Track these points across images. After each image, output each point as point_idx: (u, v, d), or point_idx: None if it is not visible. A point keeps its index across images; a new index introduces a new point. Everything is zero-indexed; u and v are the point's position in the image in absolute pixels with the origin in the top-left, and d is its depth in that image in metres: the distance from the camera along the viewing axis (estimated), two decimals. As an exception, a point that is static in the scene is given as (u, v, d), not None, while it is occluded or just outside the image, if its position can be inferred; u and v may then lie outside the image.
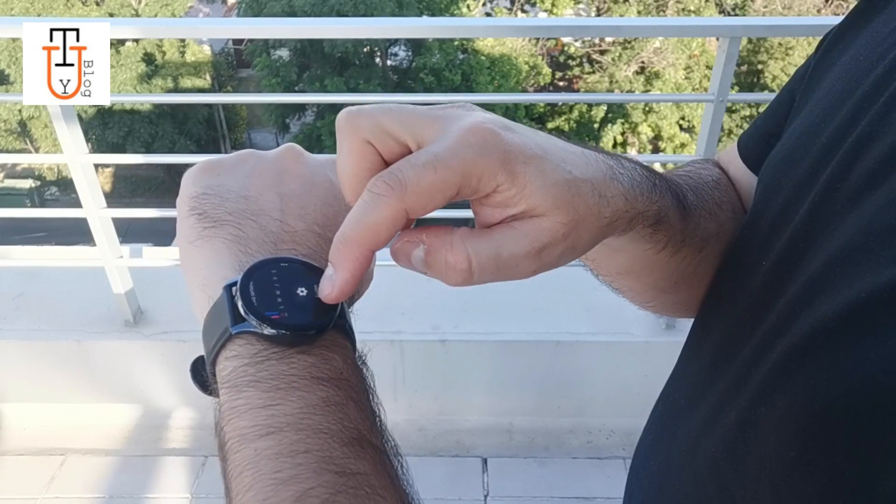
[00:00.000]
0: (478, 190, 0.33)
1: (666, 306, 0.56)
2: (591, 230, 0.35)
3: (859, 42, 0.43)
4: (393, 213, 0.32)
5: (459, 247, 0.33)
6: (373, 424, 0.34)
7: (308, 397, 0.32)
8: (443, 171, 0.32)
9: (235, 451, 0.31)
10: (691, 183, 0.49)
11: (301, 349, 0.34)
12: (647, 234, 0.41)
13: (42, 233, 14.13)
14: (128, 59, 16.26)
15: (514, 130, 0.34)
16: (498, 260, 0.33)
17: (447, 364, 2.05)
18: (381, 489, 0.31)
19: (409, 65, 16.30)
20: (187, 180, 0.42)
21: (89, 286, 2.10)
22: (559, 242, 0.34)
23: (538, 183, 0.33)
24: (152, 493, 1.94)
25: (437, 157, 0.32)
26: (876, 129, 0.36)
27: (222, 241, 0.38)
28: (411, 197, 0.32)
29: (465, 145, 0.33)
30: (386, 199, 0.32)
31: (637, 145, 16.58)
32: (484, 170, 0.32)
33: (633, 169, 0.39)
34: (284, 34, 4.69)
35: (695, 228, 0.46)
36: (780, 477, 0.32)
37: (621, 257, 0.47)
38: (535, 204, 0.33)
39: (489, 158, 0.32)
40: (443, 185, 0.32)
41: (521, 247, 0.33)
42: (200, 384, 0.38)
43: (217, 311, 0.36)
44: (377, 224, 0.32)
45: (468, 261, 0.33)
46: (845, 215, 0.35)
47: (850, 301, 0.31)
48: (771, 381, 0.35)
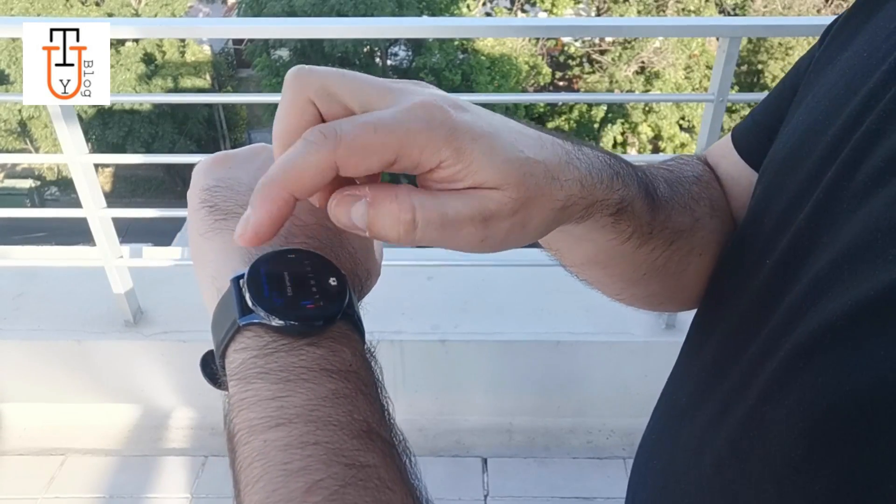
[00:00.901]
0: (419, 163, 0.33)
1: (636, 298, 0.55)
2: (543, 211, 0.35)
3: (862, 37, 0.43)
4: (321, 161, 0.32)
5: (405, 198, 0.33)
6: (382, 417, 0.34)
7: (317, 389, 0.32)
8: (382, 134, 0.32)
9: (244, 442, 0.31)
10: (668, 176, 0.49)
11: (310, 341, 0.34)
12: (609, 222, 0.41)
13: (42, 233, 14.14)
14: (128, 59, 16.27)
15: (466, 110, 0.34)
16: (443, 217, 0.33)
17: (447, 364, 2.05)
18: (390, 482, 0.31)
19: (409, 65, 16.30)
20: (199, 173, 0.42)
21: (89, 286, 2.10)
22: (507, 216, 0.34)
23: (486, 160, 0.33)
24: (152, 493, 1.94)
25: (380, 120, 0.32)
26: (882, 127, 0.35)
27: (232, 233, 0.38)
28: (344, 149, 0.32)
29: (412, 116, 0.33)
30: (317, 146, 0.32)
31: (637, 145, 16.58)
32: (427, 142, 0.32)
33: (594, 156, 0.39)
34: (284, 34, 4.68)
35: (664, 220, 0.45)
36: (785, 476, 0.32)
37: (585, 246, 0.47)
38: (483, 179, 0.33)
39: (434, 132, 0.32)
40: (379, 147, 0.32)
41: (468, 208, 0.33)
42: (210, 377, 0.37)
43: (225, 303, 0.35)
44: (303, 169, 0.32)
45: (412, 211, 0.33)
46: (852, 213, 0.34)
47: (857, 300, 0.31)
48: (777, 381, 0.34)
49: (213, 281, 0.38)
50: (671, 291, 0.52)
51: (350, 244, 0.40)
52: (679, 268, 0.49)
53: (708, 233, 0.50)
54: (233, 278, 0.35)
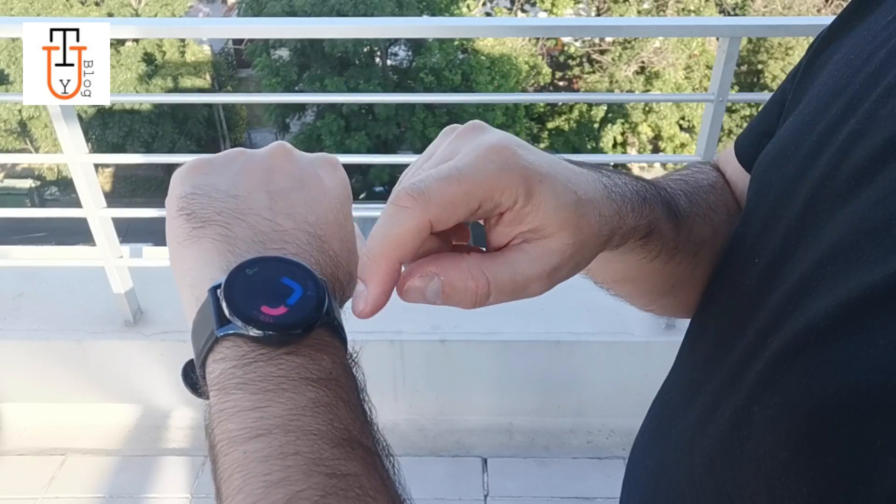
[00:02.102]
0: (500, 204, 0.34)
1: (665, 309, 0.57)
2: (593, 248, 0.37)
3: (850, 42, 0.43)
4: (417, 224, 0.33)
5: (478, 273, 0.35)
6: (364, 425, 0.34)
7: (297, 399, 0.32)
8: (466, 184, 0.34)
9: (225, 453, 0.31)
10: (686, 188, 0.50)
11: (289, 349, 0.34)
12: (639, 245, 0.42)
13: (42, 233, 14.12)
14: (128, 59, 16.25)
15: (528, 149, 0.36)
16: (514, 283, 0.35)
17: (447, 364, 2.05)
18: (371, 490, 0.31)
19: (409, 65, 16.30)
20: (176, 180, 0.41)
21: (89, 286, 2.10)
22: (567, 263, 0.36)
23: (551, 203, 0.35)
24: (152, 493, 1.94)
25: (460, 171, 0.34)
26: (865, 127, 0.36)
27: (210, 241, 0.38)
28: (435, 208, 0.33)
29: (488, 161, 0.34)
30: (410, 211, 0.33)
31: (637, 145, 16.58)
32: (507, 185, 0.34)
33: (624, 185, 0.40)
34: (284, 34, 4.68)
35: (688, 234, 0.46)
36: (775, 476, 0.32)
37: (616, 266, 0.48)
38: (546, 223, 0.35)
39: (511, 174, 0.34)
40: (465, 198, 0.34)
41: (534, 269, 0.35)
42: (191, 386, 0.37)
43: (203, 313, 0.35)
44: (403, 236, 0.34)
45: (487, 285, 0.35)
46: (836, 213, 0.35)
47: (841, 299, 0.31)
48: (764, 380, 0.35)
49: (192, 289, 0.37)
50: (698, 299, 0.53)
51: (331, 247, 0.40)
52: (704, 276, 0.50)
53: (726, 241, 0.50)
54: (210, 288, 0.35)
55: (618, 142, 16.54)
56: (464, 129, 0.38)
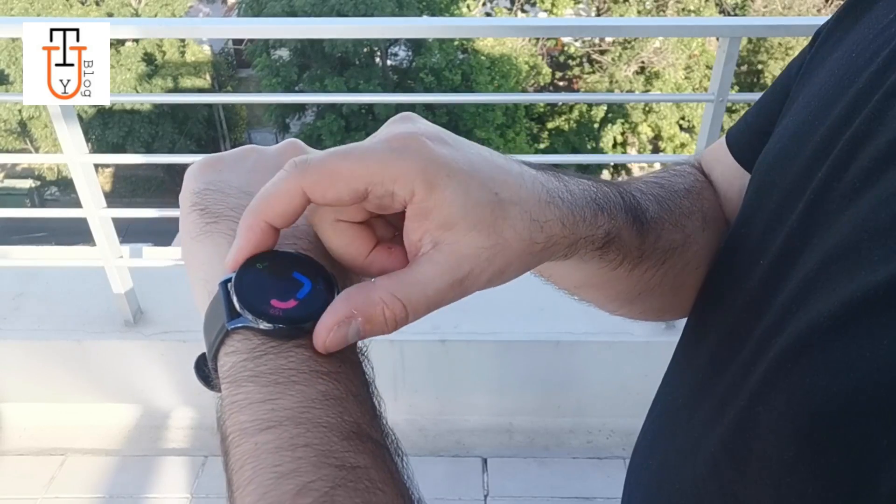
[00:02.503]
0: (393, 193, 0.33)
1: (635, 313, 0.56)
2: (522, 255, 0.36)
3: (851, 38, 0.43)
4: (289, 189, 0.34)
5: (391, 300, 0.34)
6: (373, 418, 0.34)
7: (307, 391, 0.32)
8: (351, 161, 0.33)
9: (236, 445, 0.32)
10: (659, 192, 0.48)
11: (299, 342, 0.34)
12: (596, 255, 0.41)
13: (42, 233, 14.13)
14: (128, 59, 16.27)
15: (446, 143, 0.35)
16: (427, 299, 0.35)
17: (447, 364, 2.05)
18: (380, 483, 0.31)
19: (409, 65, 16.31)
20: (190, 176, 0.42)
21: (89, 286, 2.10)
22: (484, 269, 0.35)
23: (459, 200, 0.33)
24: (152, 493, 1.94)
25: (351, 149, 0.34)
26: (871, 128, 0.36)
27: (223, 236, 0.38)
28: (311, 177, 0.33)
29: (386, 146, 0.34)
30: (285, 176, 0.34)
31: (637, 145, 16.59)
32: (399, 173, 0.33)
33: (578, 192, 0.39)
34: (284, 34, 4.69)
35: (655, 242, 0.45)
36: (780, 477, 0.32)
37: (575, 273, 0.47)
38: (453, 220, 0.34)
39: (407, 163, 0.33)
40: (347, 174, 0.33)
41: (444, 280, 0.34)
42: (204, 379, 0.38)
43: (215, 307, 0.36)
44: (273, 196, 0.34)
45: (404, 309, 0.34)
46: (840, 214, 0.35)
47: (844, 300, 0.31)
48: (768, 381, 0.35)
49: (204, 284, 0.38)
50: (670, 304, 0.52)
51: None
52: (676, 283, 0.49)
53: (700, 247, 0.49)
54: (221, 282, 0.36)
55: (618, 142, 16.55)
56: (393, 118, 0.37)
